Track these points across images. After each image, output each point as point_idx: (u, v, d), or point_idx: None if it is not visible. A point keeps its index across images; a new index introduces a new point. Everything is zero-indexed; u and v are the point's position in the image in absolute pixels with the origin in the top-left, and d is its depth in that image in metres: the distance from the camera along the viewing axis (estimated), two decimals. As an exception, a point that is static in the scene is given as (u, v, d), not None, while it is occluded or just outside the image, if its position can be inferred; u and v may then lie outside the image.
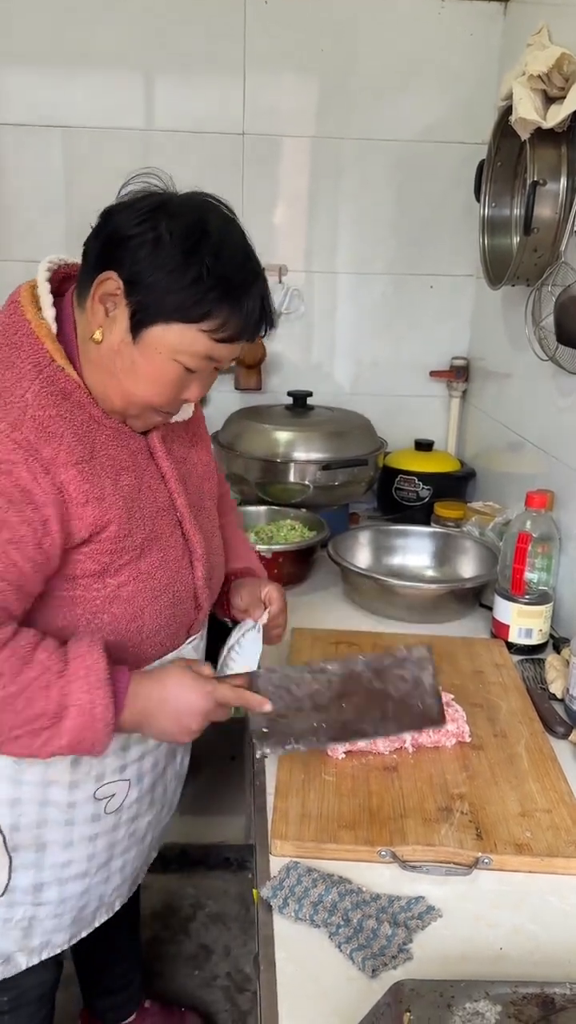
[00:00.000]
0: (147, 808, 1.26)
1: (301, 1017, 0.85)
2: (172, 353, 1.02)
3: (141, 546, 1.09)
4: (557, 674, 1.46)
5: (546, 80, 1.54)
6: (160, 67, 2.11)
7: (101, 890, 1.24)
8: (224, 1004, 1.90)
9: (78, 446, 1.01)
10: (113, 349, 1.03)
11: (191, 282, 0.98)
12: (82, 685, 0.98)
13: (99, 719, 0.98)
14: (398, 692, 1.02)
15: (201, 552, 1.18)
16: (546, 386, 1.78)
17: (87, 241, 1.04)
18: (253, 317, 1.03)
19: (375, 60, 2.12)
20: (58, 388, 1.02)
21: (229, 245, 1.01)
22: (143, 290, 0.99)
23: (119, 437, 1.08)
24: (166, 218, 0.98)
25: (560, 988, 0.73)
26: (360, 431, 2.12)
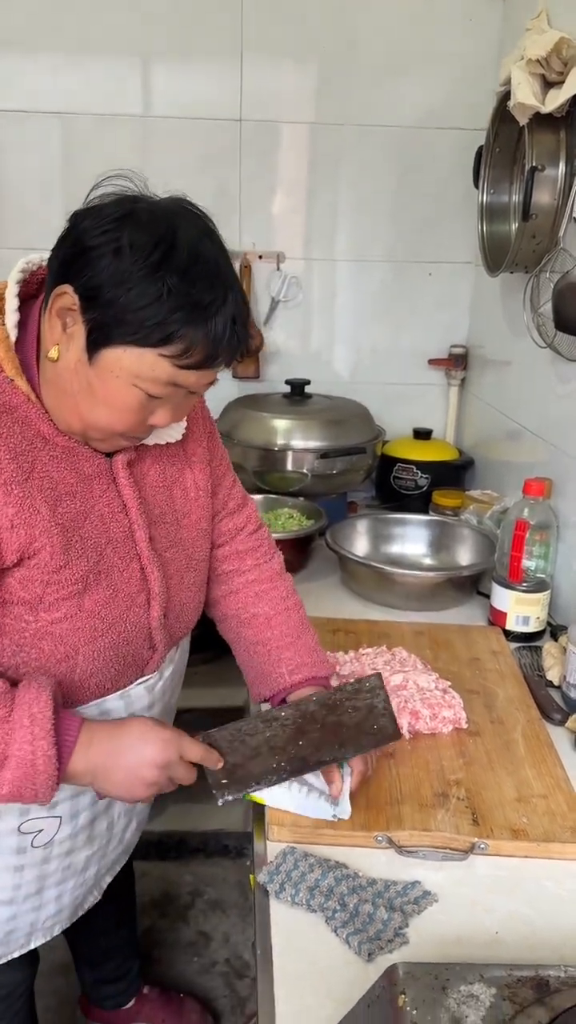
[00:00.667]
0: (84, 843, 1.17)
1: (297, 1000, 0.85)
2: (130, 378, 0.92)
3: (84, 579, 1.00)
4: (554, 661, 1.46)
5: (545, 64, 1.53)
6: (157, 53, 2.09)
7: (32, 917, 1.17)
8: (223, 990, 1.91)
9: (11, 464, 0.93)
10: (70, 369, 0.94)
11: (152, 301, 0.88)
12: (25, 735, 0.91)
13: (41, 771, 0.92)
14: (352, 720, 1.02)
15: (158, 590, 1.08)
16: (544, 373, 1.78)
17: (54, 247, 0.95)
18: (222, 342, 0.92)
19: (374, 45, 2.11)
20: (1, 401, 0.94)
21: (199, 262, 0.90)
22: (100, 307, 0.89)
23: (68, 459, 0.99)
24: (131, 227, 0.89)
25: (555, 971, 0.73)
26: (358, 419, 2.12)
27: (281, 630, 1.23)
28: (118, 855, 1.30)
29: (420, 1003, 0.69)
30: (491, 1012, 0.69)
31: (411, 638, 1.55)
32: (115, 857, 1.29)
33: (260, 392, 2.27)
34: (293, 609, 1.27)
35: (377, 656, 1.41)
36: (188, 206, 0.96)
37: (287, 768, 0.99)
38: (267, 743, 1.01)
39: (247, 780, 0.99)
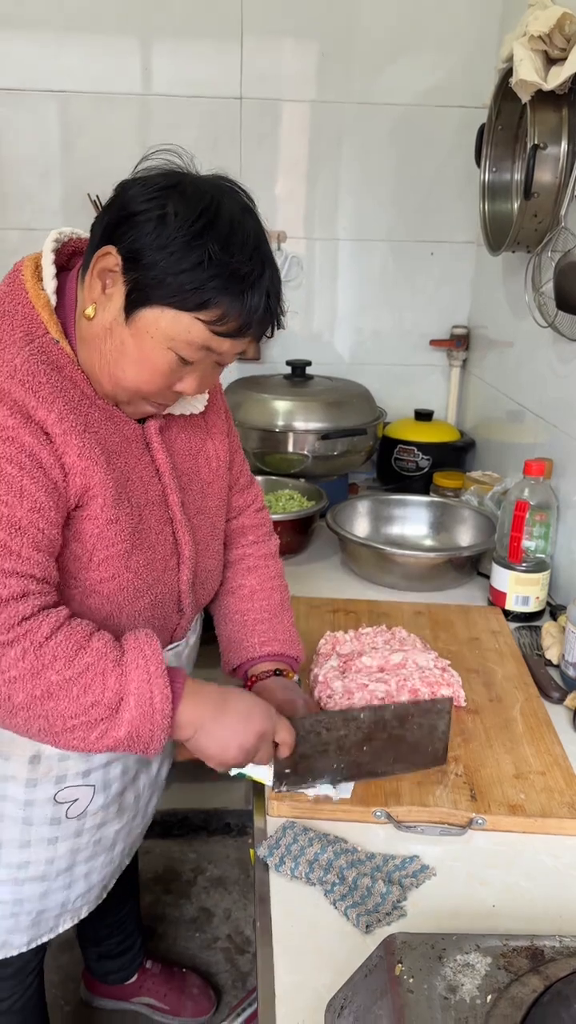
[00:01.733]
0: (115, 816, 1.19)
1: (297, 971, 0.87)
2: (166, 340, 0.96)
3: (131, 538, 1.03)
4: (553, 640, 1.47)
5: (547, 41, 1.52)
6: (157, 31, 2.07)
7: (63, 896, 1.19)
8: (225, 965, 1.94)
9: (71, 415, 0.96)
10: (105, 327, 0.97)
11: (192, 267, 0.92)
12: (141, 674, 0.93)
13: (158, 711, 0.93)
14: (413, 737, 1.02)
15: (189, 554, 1.11)
16: (546, 354, 1.77)
17: (99, 213, 1.00)
18: (256, 313, 0.96)
19: (375, 23, 2.09)
20: (50, 359, 0.97)
21: (239, 234, 0.94)
22: (142, 268, 0.93)
23: (112, 420, 1.03)
24: (177, 197, 0.93)
25: (550, 941, 0.74)
26: (359, 401, 2.12)
27: (262, 605, 1.26)
28: (139, 832, 1.32)
29: (417, 972, 0.71)
30: (487, 981, 0.70)
31: (411, 618, 1.56)
32: (138, 834, 1.31)
33: (261, 373, 2.26)
34: (277, 589, 1.29)
35: (377, 635, 1.42)
36: (231, 183, 1.00)
37: (343, 772, 0.98)
38: (337, 742, 1.01)
39: (307, 776, 0.98)
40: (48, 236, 1.04)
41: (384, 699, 1.25)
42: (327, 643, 1.40)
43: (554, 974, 0.70)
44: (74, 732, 0.92)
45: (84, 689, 0.91)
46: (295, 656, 1.25)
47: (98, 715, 0.92)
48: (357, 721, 1.03)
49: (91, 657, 0.92)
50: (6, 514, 0.91)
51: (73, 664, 0.91)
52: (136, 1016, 1.79)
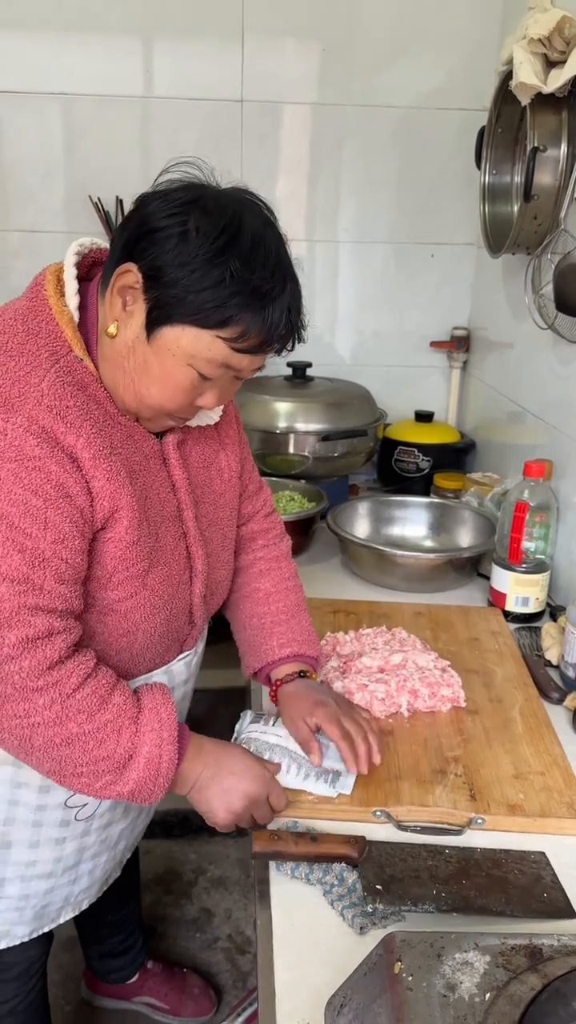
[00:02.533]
0: (121, 816, 1.22)
1: (297, 969, 0.87)
2: (186, 357, 0.95)
3: (149, 557, 1.03)
4: (553, 641, 1.47)
5: (547, 44, 1.52)
6: (159, 33, 2.08)
7: (67, 891, 1.22)
8: (225, 965, 1.94)
9: (97, 439, 0.96)
10: (127, 346, 0.97)
11: (214, 284, 0.91)
12: (154, 738, 0.97)
13: (163, 774, 0.98)
14: (519, 882, 0.99)
15: (201, 568, 1.12)
16: (545, 355, 1.78)
17: (117, 227, 1.00)
18: (278, 330, 0.96)
19: (376, 25, 2.09)
20: (75, 379, 0.96)
21: (261, 250, 0.93)
22: (163, 287, 0.92)
23: (133, 438, 1.03)
24: (199, 212, 0.92)
25: (548, 939, 0.75)
26: (360, 402, 2.12)
27: (278, 607, 1.26)
28: (141, 829, 1.34)
29: (416, 970, 0.71)
30: (485, 979, 0.71)
31: (411, 619, 1.56)
32: (140, 830, 1.33)
33: (262, 375, 2.25)
34: (292, 590, 1.29)
35: (377, 636, 1.42)
36: (252, 196, 0.99)
37: (447, 901, 0.94)
38: (429, 871, 0.99)
39: (404, 897, 0.95)
40: (69, 249, 1.03)
41: (384, 699, 1.26)
42: (328, 644, 1.40)
43: (552, 972, 0.71)
44: (80, 778, 0.97)
45: (99, 743, 0.95)
46: (315, 656, 1.25)
47: (106, 768, 0.96)
48: (444, 855, 1.01)
49: (111, 714, 0.96)
50: (30, 547, 0.91)
51: (94, 719, 0.95)
52: (137, 1016, 1.79)
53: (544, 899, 0.96)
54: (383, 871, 0.98)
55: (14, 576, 0.90)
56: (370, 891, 0.95)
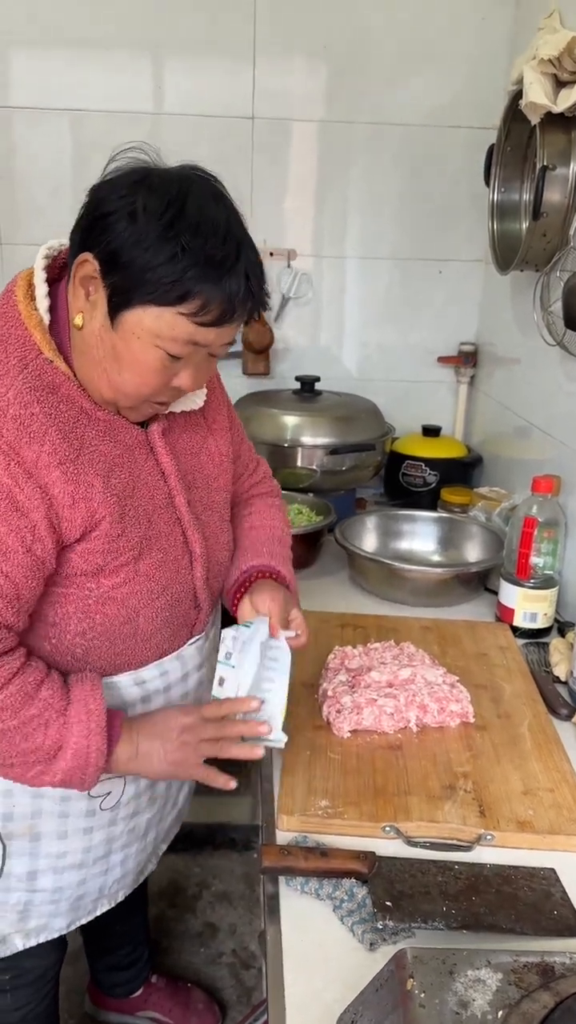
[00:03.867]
0: (147, 805, 1.23)
1: (306, 984, 0.87)
2: (152, 339, 0.95)
3: (139, 546, 1.04)
4: (561, 657, 1.47)
5: (557, 64, 1.54)
6: (170, 50, 2.11)
7: (100, 881, 1.24)
8: (229, 980, 1.93)
9: (63, 444, 0.96)
10: (95, 335, 0.97)
11: (167, 260, 0.91)
12: (81, 729, 0.99)
13: (92, 764, 1.00)
14: (529, 898, 0.98)
15: (200, 551, 1.13)
16: (554, 372, 1.78)
17: (75, 223, 1.00)
18: (237, 297, 0.95)
19: (385, 43, 2.11)
20: (44, 383, 0.97)
21: (209, 219, 0.93)
22: (119, 270, 0.93)
23: (111, 431, 1.03)
24: (145, 192, 0.92)
25: (560, 957, 0.75)
26: (367, 416, 2.13)
27: (257, 535, 1.28)
28: (172, 821, 1.36)
29: (428, 987, 0.71)
30: (497, 996, 0.71)
31: (419, 633, 1.56)
32: (170, 823, 1.35)
33: (270, 388, 2.28)
34: (277, 521, 1.32)
35: (385, 650, 1.42)
36: (199, 171, 0.99)
37: (457, 918, 0.94)
38: (439, 887, 0.99)
39: (413, 914, 0.94)
40: (39, 252, 1.05)
41: (393, 714, 1.26)
42: (336, 658, 1.40)
43: (565, 990, 0.71)
44: (13, 769, 1.00)
45: (25, 737, 0.97)
46: (284, 576, 1.24)
47: (35, 759, 0.99)
48: (454, 871, 1.01)
49: (36, 708, 0.97)
50: None
51: (19, 715, 0.96)
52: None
53: (554, 916, 0.96)
54: (393, 887, 0.98)
55: None
56: (380, 907, 0.95)
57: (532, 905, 0.97)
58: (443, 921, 0.94)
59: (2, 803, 1.11)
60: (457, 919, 0.95)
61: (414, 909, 0.95)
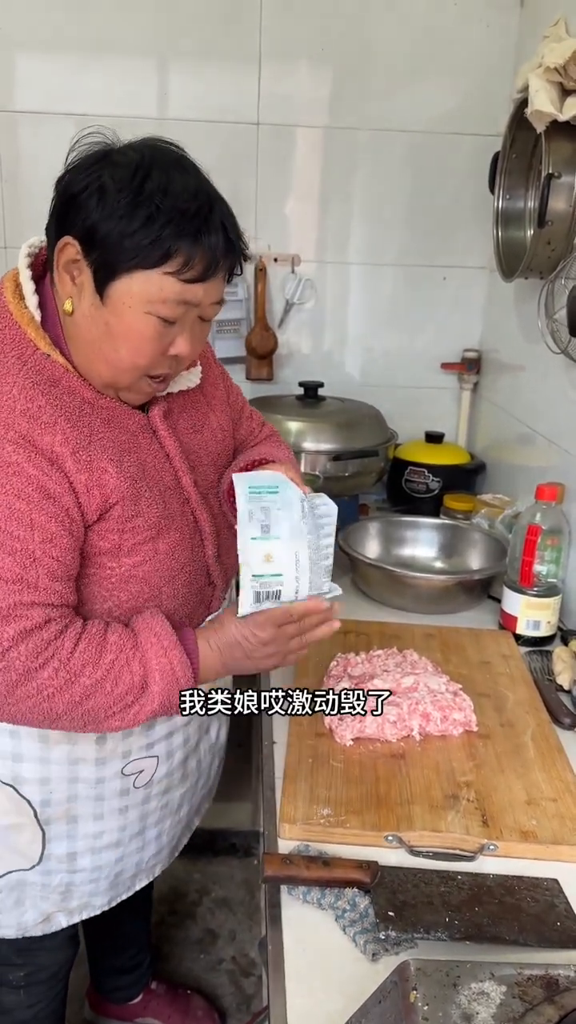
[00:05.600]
0: (179, 781, 1.27)
1: (308, 995, 0.86)
2: (143, 305, 0.97)
3: (156, 526, 1.07)
4: (565, 666, 1.47)
5: (563, 73, 1.54)
6: (176, 56, 2.11)
7: (137, 857, 1.28)
8: (229, 987, 1.93)
9: (73, 433, 0.99)
10: (86, 317, 0.99)
11: (144, 223, 0.93)
12: (157, 651, 1.01)
13: (181, 677, 1.02)
14: (532, 909, 0.98)
15: (209, 530, 1.16)
16: (558, 379, 1.78)
17: (49, 216, 1.02)
18: (219, 248, 0.97)
19: (390, 50, 2.12)
20: (45, 377, 0.99)
21: (177, 178, 0.96)
22: (99, 245, 0.95)
23: (115, 418, 1.06)
24: (109, 167, 0.95)
25: (564, 970, 0.74)
26: (371, 422, 2.13)
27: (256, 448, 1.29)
28: (204, 796, 1.40)
29: (431, 999, 0.71)
30: (501, 1009, 0.70)
31: (422, 641, 1.56)
32: (202, 796, 1.39)
33: (273, 394, 2.28)
34: (284, 448, 1.33)
35: (388, 658, 1.42)
36: (161, 140, 1.02)
37: (460, 929, 0.94)
38: (441, 897, 0.98)
39: (416, 924, 0.94)
40: (20, 251, 1.07)
41: (396, 722, 1.25)
42: (338, 665, 1.40)
43: (569, 1004, 0.70)
44: (114, 718, 1.02)
45: (115, 682, 1.00)
46: (287, 458, 1.25)
47: (131, 698, 1.01)
48: (457, 881, 1.01)
49: (112, 653, 1.00)
50: (19, 548, 0.95)
51: (100, 665, 0.99)
52: (140, 1037, 1.78)
53: (558, 928, 0.95)
54: (395, 897, 0.98)
55: (8, 576, 0.95)
56: (382, 917, 0.94)
57: (536, 916, 0.97)
58: (446, 932, 0.94)
59: (39, 791, 1.14)
60: (460, 930, 0.94)
61: (417, 919, 0.95)
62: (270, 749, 1.25)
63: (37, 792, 1.14)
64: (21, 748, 1.11)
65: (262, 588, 1.02)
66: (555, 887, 1.02)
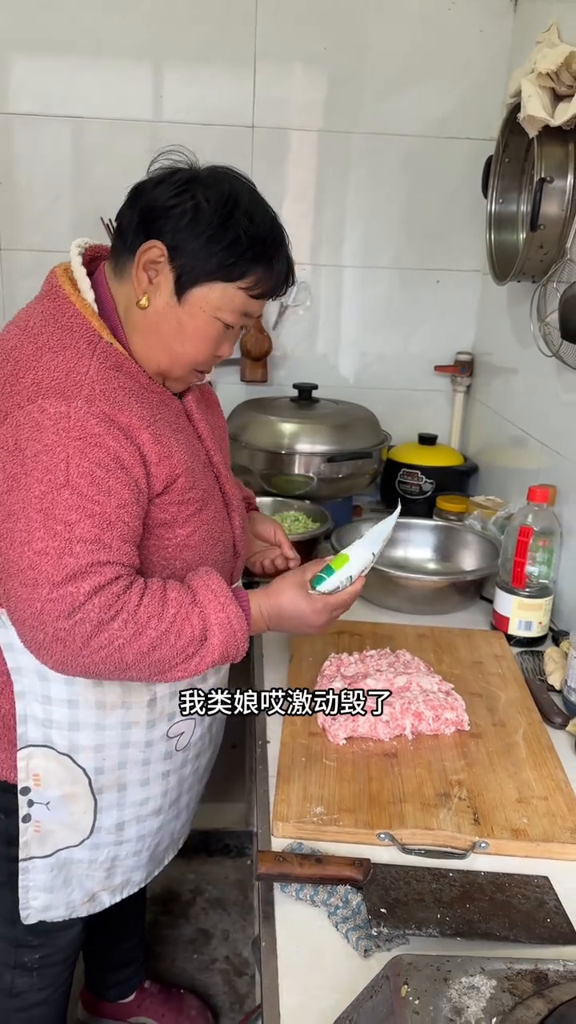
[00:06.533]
0: (207, 746, 1.36)
1: (301, 991, 0.87)
2: (214, 311, 1.12)
3: (202, 498, 1.19)
4: (556, 666, 1.48)
5: (555, 78, 1.55)
6: (171, 59, 2.12)
7: (172, 827, 1.35)
8: (223, 987, 1.93)
9: (142, 411, 1.10)
10: (159, 312, 1.12)
11: (229, 244, 1.08)
12: (215, 605, 1.09)
13: (237, 629, 1.10)
14: (523, 906, 0.99)
15: (236, 504, 1.29)
16: (550, 382, 1.80)
17: (119, 217, 1.13)
18: (282, 275, 1.14)
19: (385, 54, 2.13)
20: (112, 362, 1.10)
21: (259, 211, 1.11)
22: (187, 255, 1.08)
23: (165, 402, 1.17)
24: (201, 189, 1.08)
25: (554, 965, 0.75)
26: (364, 424, 2.14)
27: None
28: (212, 763, 1.45)
29: (422, 993, 0.71)
30: (491, 1003, 0.71)
31: (415, 641, 1.57)
32: (211, 765, 1.45)
33: (268, 395, 2.29)
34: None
35: (381, 658, 1.43)
36: (235, 171, 1.16)
37: (451, 925, 0.95)
38: (433, 894, 1.00)
39: (408, 921, 0.95)
40: (72, 250, 1.16)
41: (388, 722, 1.26)
42: (332, 665, 1.41)
43: (558, 998, 0.71)
44: (177, 668, 1.09)
45: (178, 635, 1.07)
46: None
47: (192, 650, 1.08)
48: (448, 879, 1.02)
49: (174, 607, 1.08)
50: (98, 512, 1.04)
51: (164, 618, 1.06)
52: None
53: (548, 924, 0.97)
54: (387, 894, 0.99)
55: (87, 538, 1.03)
56: (375, 914, 0.95)
57: (526, 913, 0.98)
58: (437, 928, 0.95)
59: (94, 758, 1.20)
60: (451, 926, 0.95)
61: (408, 916, 0.96)
62: (263, 748, 1.26)
63: (92, 759, 1.20)
64: (79, 717, 1.17)
65: (341, 585, 1.21)
66: (545, 884, 1.03)
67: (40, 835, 1.21)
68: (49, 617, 1.01)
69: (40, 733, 1.18)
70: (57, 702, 1.16)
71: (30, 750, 1.18)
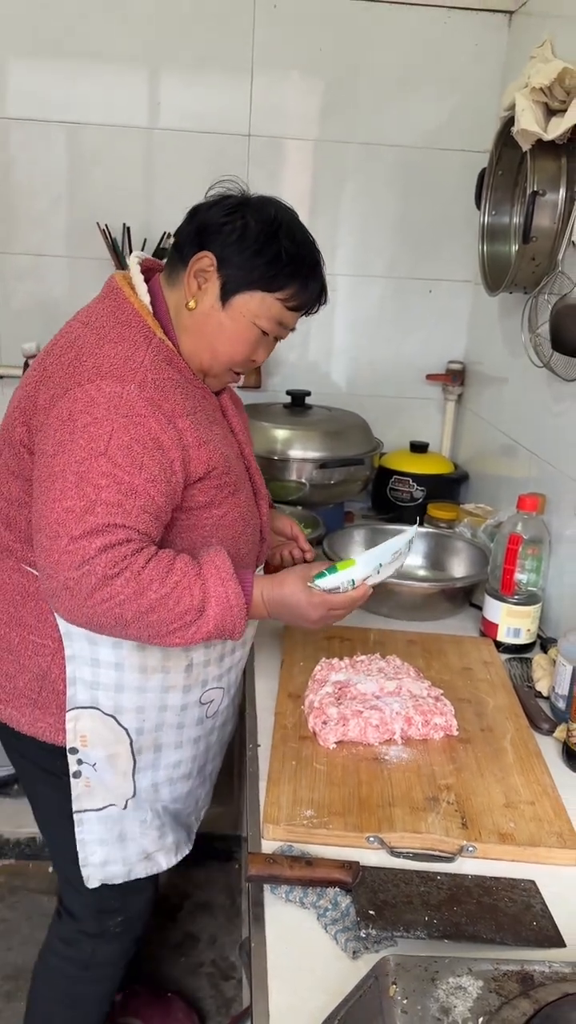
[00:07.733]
0: (231, 716, 1.47)
1: (290, 992, 0.88)
2: (253, 317, 1.24)
3: (236, 483, 1.29)
4: (543, 673, 1.50)
5: (548, 93, 1.58)
6: (168, 66, 2.14)
7: (198, 794, 1.46)
8: (209, 991, 1.94)
9: (186, 401, 1.21)
10: (204, 314, 1.25)
11: (272, 259, 1.21)
12: (216, 581, 1.16)
13: (234, 606, 1.17)
14: (509, 910, 1.00)
15: (263, 493, 1.42)
16: (540, 392, 1.82)
17: (178, 232, 1.28)
18: (315, 292, 1.28)
19: (381, 66, 2.15)
20: (164, 356, 1.21)
21: (299, 234, 1.26)
22: (233, 266, 1.22)
23: (205, 396, 1.29)
24: (250, 212, 1.23)
25: (540, 966, 0.76)
26: (357, 431, 2.16)
27: None
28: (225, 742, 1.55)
29: (410, 993, 0.73)
30: (478, 1003, 0.72)
31: (404, 647, 1.58)
32: (224, 744, 1.53)
33: (261, 402, 2.30)
34: None
35: (371, 663, 1.44)
36: (277, 199, 1.29)
37: (439, 928, 0.96)
38: (421, 897, 1.01)
39: (396, 923, 0.96)
40: (132, 261, 1.30)
41: (378, 726, 1.27)
42: (322, 669, 1.42)
43: (543, 998, 0.72)
44: (175, 634, 1.16)
45: (177, 601, 1.14)
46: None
47: (190, 618, 1.15)
48: (436, 882, 1.03)
49: (177, 576, 1.15)
50: (126, 480, 1.13)
51: (166, 583, 1.13)
52: (120, 1039, 1.79)
53: (534, 927, 0.98)
54: (376, 896, 1.00)
55: (110, 500, 1.12)
56: (363, 916, 0.96)
57: (512, 916, 0.99)
58: (425, 931, 0.96)
59: (135, 718, 1.30)
60: (439, 929, 0.96)
61: (397, 918, 0.97)
62: (254, 751, 1.27)
63: (133, 719, 1.30)
64: (124, 679, 1.27)
65: (342, 586, 1.25)
66: (532, 888, 1.04)
67: (90, 789, 1.32)
68: (62, 567, 1.10)
69: (88, 695, 1.27)
70: (105, 664, 1.26)
71: (78, 712, 1.28)
